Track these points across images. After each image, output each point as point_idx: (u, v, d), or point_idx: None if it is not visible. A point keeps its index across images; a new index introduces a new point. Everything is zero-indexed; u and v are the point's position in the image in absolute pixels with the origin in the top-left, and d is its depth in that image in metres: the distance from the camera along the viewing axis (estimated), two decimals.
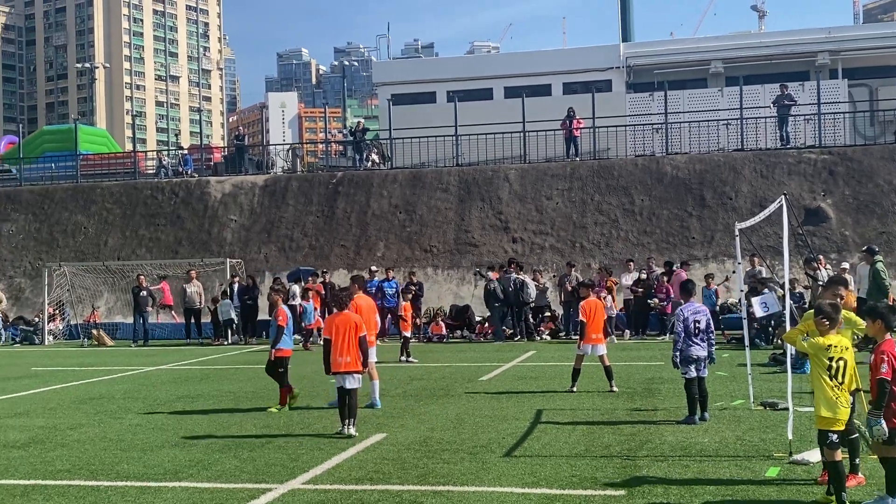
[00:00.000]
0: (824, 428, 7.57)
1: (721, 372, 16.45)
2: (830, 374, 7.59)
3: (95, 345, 28.70)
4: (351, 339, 11.49)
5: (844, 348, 7.72)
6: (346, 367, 11.46)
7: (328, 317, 12.23)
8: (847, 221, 29.76)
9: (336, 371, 11.55)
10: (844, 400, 7.61)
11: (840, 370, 7.60)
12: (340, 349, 11.49)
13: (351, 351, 11.47)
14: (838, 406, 7.56)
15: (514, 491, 8.48)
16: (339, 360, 11.50)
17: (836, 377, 7.60)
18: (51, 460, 10.56)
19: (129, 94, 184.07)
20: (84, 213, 36.17)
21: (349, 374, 11.49)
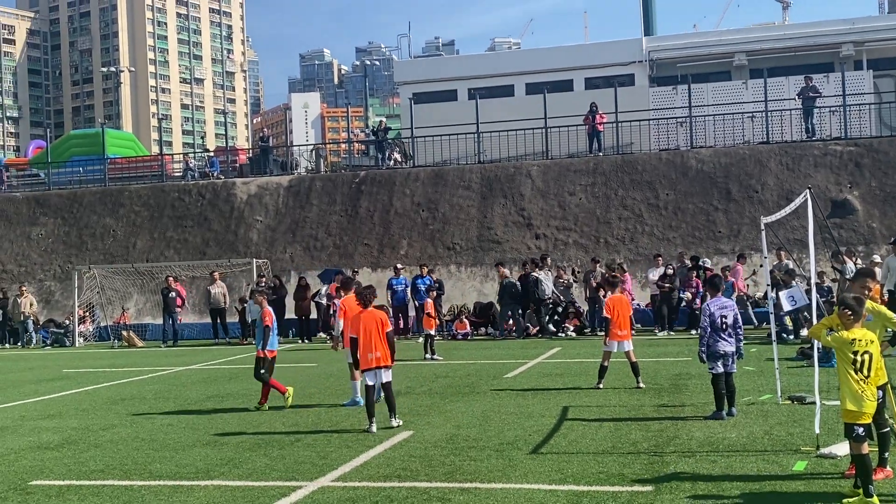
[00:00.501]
0: (850, 421, 7.57)
1: (749, 367, 16.39)
2: (856, 368, 7.60)
3: (125, 346, 29.02)
4: (379, 335, 11.67)
5: (869, 341, 7.72)
6: (377, 362, 11.66)
7: (353, 315, 12.30)
8: (874, 213, 29.53)
9: (367, 368, 11.72)
10: (870, 393, 7.60)
11: (865, 363, 7.60)
12: (369, 346, 11.68)
13: (380, 346, 11.66)
14: (864, 399, 7.57)
15: (541, 488, 8.53)
16: (368, 356, 11.69)
17: (861, 370, 7.60)
18: (84, 461, 10.73)
19: (155, 97, 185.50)
20: (112, 216, 36.55)
21: (381, 369, 11.69)
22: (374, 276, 30.41)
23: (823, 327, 8.24)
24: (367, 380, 11.78)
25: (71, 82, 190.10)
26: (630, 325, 15.23)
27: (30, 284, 33.62)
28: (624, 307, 15.18)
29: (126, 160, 42.64)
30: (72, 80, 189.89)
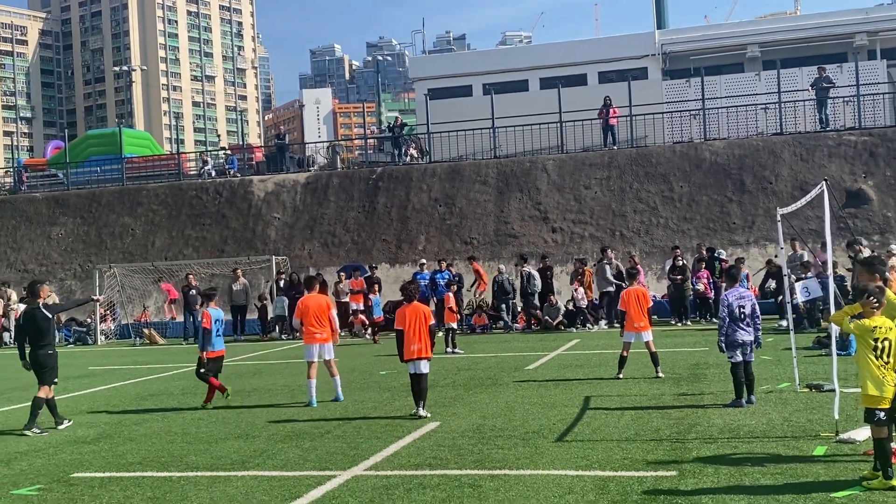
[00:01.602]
0: (871, 406, 7.82)
1: (766, 356, 16.62)
2: (876, 354, 7.85)
3: (147, 344, 29.40)
4: (421, 328, 12.31)
5: (889, 328, 7.96)
6: (418, 353, 12.31)
7: (399, 309, 12.85)
8: (889, 203, 29.64)
9: (409, 358, 12.36)
10: (891, 378, 7.85)
11: (886, 350, 7.86)
12: (413, 338, 12.31)
13: (422, 339, 12.29)
14: (884, 384, 7.81)
15: (568, 474, 8.80)
16: (412, 347, 12.32)
17: (881, 356, 7.85)
18: (122, 454, 11.05)
19: (166, 95, 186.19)
20: (131, 215, 36.95)
21: (420, 360, 12.32)
22: (392, 272, 30.74)
23: (846, 315, 8.47)
24: (411, 368, 12.44)
25: (83, 82, 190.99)
26: (648, 317, 15.46)
27: (51, 284, 34.03)
28: (641, 299, 15.42)
29: (143, 159, 43.03)
30: (84, 79, 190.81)
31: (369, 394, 15.04)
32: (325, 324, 14.20)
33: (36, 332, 13.11)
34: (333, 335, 14.36)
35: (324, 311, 14.23)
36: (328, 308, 14.33)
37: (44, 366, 13.05)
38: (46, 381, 13.04)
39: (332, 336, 14.30)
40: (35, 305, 13.33)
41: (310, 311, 14.21)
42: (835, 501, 7.42)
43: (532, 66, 40.32)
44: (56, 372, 13.30)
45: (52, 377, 13.16)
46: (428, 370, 12.49)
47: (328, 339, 14.23)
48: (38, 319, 13.12)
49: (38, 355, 13.08)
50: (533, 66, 40.39)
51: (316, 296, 14.49)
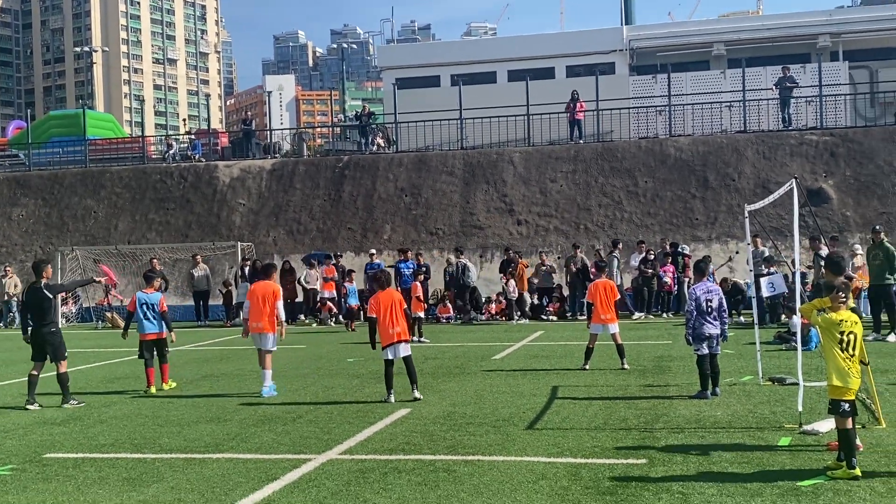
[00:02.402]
0: (837, 397, 8.08)
1: (728, 350, 16.91)
2: (842, 347, 8.11)
3: (109, 327, 29.18)
4: (397, 312, 12.51)
5: (854, 323, 8.24)
6: (398, 337, 12.54)
7: (372, 297, 12.91)
8: (848, 202, 30.23)
9: (388, 343, 12.53)
10: (855, 371, 8.12)
11: (851, 343, 8.13)
12: (389, 323, 12.49)
13: (399, 322, 12.51)
14: (849, 376, 8.08)
15: (540, 460, 8.98)
16: (389, 332, 12.52)
17: (847, 349, 8.12)
18: (93, 435, 11.06)
19: (127, 77, 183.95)
20: (93, 198, 36.57)
21: (400, 343, 12.54)
22: (357, 261, 30.77)
23: (814, 308, 8.75)
24: (388, 354, 12.56)
25: (42, 62, 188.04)
26: (615, 309, 15.68)
27: (11, 265, 33.61)
28: (608, 291, 15.64)
29: (107, 141, 42.55)
30: (43, 59, 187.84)
31: (339, 380, 15.13)
32: (265, 313, 13.73)
33: (38, 310, 13.27)
34: (276, 327, 13.83)
35: (268, 300, 13.75)
36: (275, 297, 13.82)
37: (50, 343, 13.29)
38: (60, 358, 13.33)
39: (271, 327, 13.80)
40: (39, 284, 13.43)
41: (254, 298, 13.82)
42: (800, 490, 7.66)
43: (500, 59, 40.47)
44: (64, 347, 13.52)
45: (63, 352, 13.42)
46: (409, 352, 12.73)
47: (265, 329, 13.75)
48: (40, 299, 13.25)
49: (43, 333, 13.33)
50: (501, 58, 40.54)
51: (265, 283, 14.10)
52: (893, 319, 18.55)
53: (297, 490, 8.17)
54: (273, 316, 13.77)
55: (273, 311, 13.76)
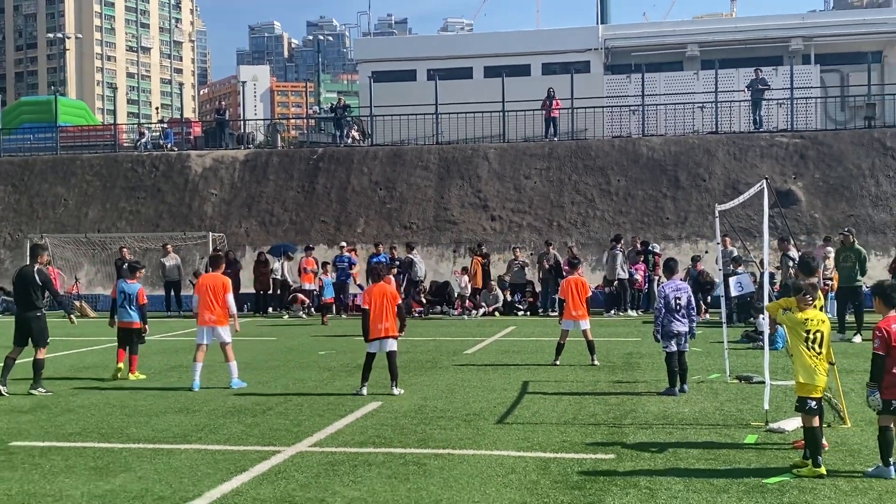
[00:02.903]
0: (803, 395, 8.18)
1: (696, 348, 17.05)
2: (808, 345, 8.21)
3: (78, 316, 28.79)
4: (389, 307, 12.55)
5: (821, 321, 8.34)
6: (385, 332, 12.56)
7: (366, 288, 13.07)
8: (817, 204, 30.56)
9: (375, 337, 12.54)
10: (822, 369, 8.23)
11: (818, 341, 8.23)
12: (379, 317, 12.52)
13: (389, 318, 12.53)
14: (816, 373, 8.18)
15: (510, 454, 9.03)
16: (378, 326, 12.52)
17: (813, 347, 8.22)
18: (60, 424, 10.98)
19: (100, 65, 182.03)
20: (64, 185, 36.21)
21: (388, 339, 12.57)
22: (330, 254, 30.64)
23: (779, 307, 8.86)
24: (372, 347, 12.60)
25: (14, 47, 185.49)
26: (587, 306, 15.78)
27: None
28: (579, 288, 15.73)
29: (78, 129, 42.13)
30: (15, 45, 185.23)
31: (309, 373, 15.11)
32: (218, 305, 13.61)
33: (25, 294, 13.24)
34: (229, 319, 13.75)
35: (218, 292, 13.61)
36: (224, 289, 13.66)
37: (34, 328, 13.30)
38: (41, 343, 13.34)
39: (225, 319, 13.69)
40: (31, 268, 13.38)
41: (204, 291, 13.69)
42: (766, 487, 7.76)
43: (477, 55, 40.47)
44: (47, 333, 13.56)
45: (45, 339, 13.45)
46: (396, 348, 12.75)
47: (219, 321, 13.63)
48: (28, 283, 13.19)
49: (27, 318, 13.33)
50: (478, 54, 40.54)
51: (214, 275, 13.92)
52: (860, 321, 18.81)
53: (265, 482, 8.17)
54: (225, 308, 13.67)
55: (224, 304, 13.65)
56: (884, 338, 7.84)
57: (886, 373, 7.85)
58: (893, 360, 7.83)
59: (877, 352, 7.87)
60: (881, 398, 7.83)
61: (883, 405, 7.86)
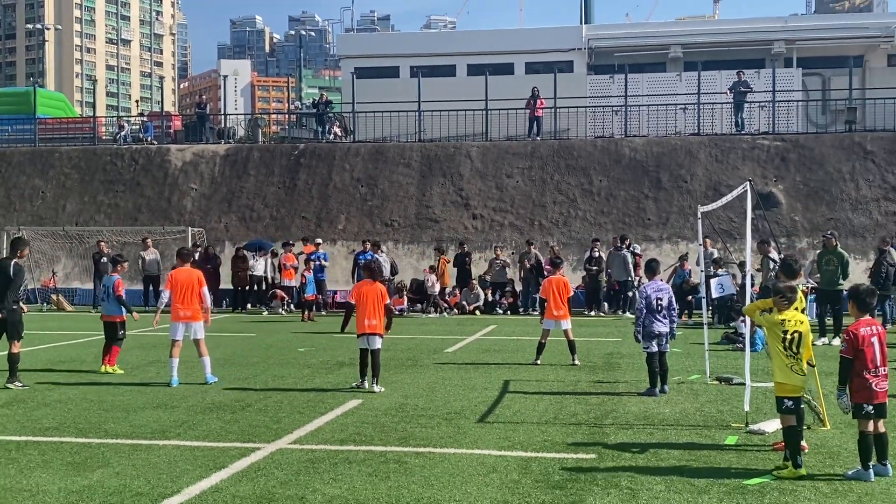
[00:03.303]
0: (780, 394, 8.21)
1: (676, 349, 17.08)
2: (785, 346, 8.23)
3: (55, 309, 28.69)
4: (377, 305, 12.66)
5: (799, 322, 8.36)
6: (371, 329, 12.64)
7: (356, 284, 13.23)
8: (797, 207, 30.72)
9: (362, 332, 12.69)
10: (799, 369, 8.25)
11: (795, 341, 8.25)
12: (367, 313, 12.65)
13: (376, 315, 12.64)
14: (791, 373, 8.21)
15: (491, 453, 9.00)
16: (364, 322, 12.66)
17: (790, 348, 8.23)
18: (37, 418, 10.85)
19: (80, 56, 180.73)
20: (42, 178, 35.88)
21: (373, 336, 12.65)
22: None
23: (757, 308, 8.90)
24: (362, 343, 12.73)
25: None
26: (568, 306, 15.77)
27: None
28: (561, 288, 15.72)
29: (57, 121, 41.76)
30: None
31: (288, 370, 15.02)
32: (192, 301, 13.57)
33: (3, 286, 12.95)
34: (204, 314, 13.76)
35: (192, 288, 13.57)
36: (199, 284, 13.66)
37: (9, 321, 13.18)
38: (14, 337, 13.25)
39: (200, 315, 13.67)
40: (8, 261, 13.26)
41: (178, 287, 13.60)
42: (747, 488, 7.76)
43: (460, 52, 40.46)
44: (22, 326, 13.47)
45: (19, 332, 13.36)
46: (380, 346, 12.82)
47: (195, 317, 13.60)
48: (4, 276, 13.03)
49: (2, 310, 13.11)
50: (461, 52, 40.53)
51: (188, 270, 13.83)
52: (839, 324, 18.82)
53: (245, 479, 8.10)
54: (200, 303, 13.64)
55: (200, 299, 13.63)
56: (851, 341, 7.91)
57: (856, 376, 7.91)
58: (863, 364, 7.89)
59: (844, 355, 7.96)
60: (852, 402, 7.90)
61: (854, 409, 7.91)
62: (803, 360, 8.33)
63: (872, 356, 7.91)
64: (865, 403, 7.89)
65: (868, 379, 7.89)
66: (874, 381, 7.90)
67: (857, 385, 7.90)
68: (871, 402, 7.89)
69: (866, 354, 7.90)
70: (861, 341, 7.89)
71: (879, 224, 29.59)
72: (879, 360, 7.95)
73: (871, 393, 7.89)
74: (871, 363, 7.91)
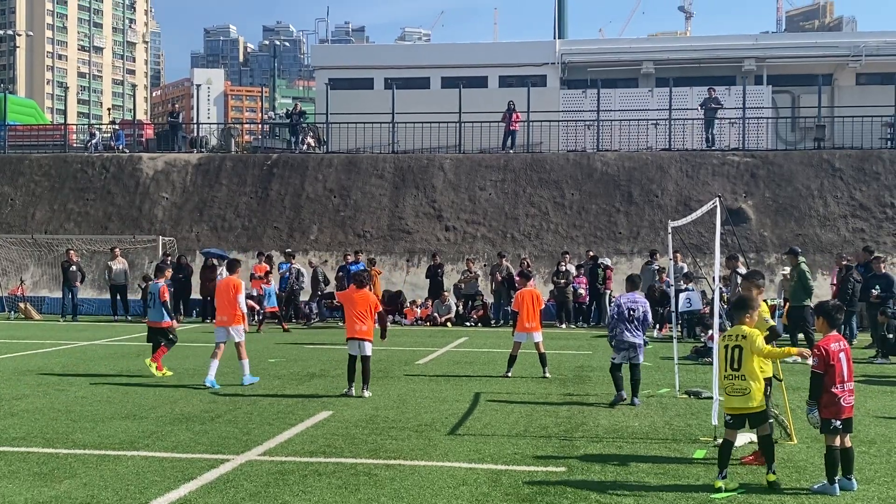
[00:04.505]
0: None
1: (646, 362, 17.18)
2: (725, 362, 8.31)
3: (22, 318, 28.40)
4: (369, 312, 13.08)
5: (739, 336, 8.34)
6: (361, 334, 13.02)
7: (346, 290, 13.72)
8: (766, 223, 31.05)
9: (351, 337, 13.07)
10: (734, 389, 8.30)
11: (734, 358, 8.27)
12: (357, 319, 13.01)
13: (367, 321, 13.01)
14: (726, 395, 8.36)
15: (461, 466, 9.01)
16: (356, 327, 13.02)
17: (729, 365, 8.27)
18: (3, 428, 10.74)
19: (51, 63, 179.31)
20: (11, 185, 35.55)
21: (363, 341, 13.04)
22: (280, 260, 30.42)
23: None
24: (350, 350, 13.15)
25: None
26: (539, 318, 15.85)
27: None
28: (532, 300, 15.79)
29: (27, 128, 41.42)
30: None
31: (259, 381, 14.94)
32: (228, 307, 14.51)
33: None
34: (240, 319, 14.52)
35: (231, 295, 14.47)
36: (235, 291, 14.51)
37: None
38: None
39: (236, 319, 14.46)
40: None
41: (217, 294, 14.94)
42: (714, 501, 7.83)
43: (435, 65, 40.62)
44: None
45: None
46: (370, 353, 13.19)
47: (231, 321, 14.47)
48: None
49: None
50: (436, 64, 40.69)
51: (228, 278, 14.98)
52: (809, 341, 18.77)
53: (213, 490, 8.05)
54: (237, 308, 14.48)
55: (236, 305, 14.49)
56: (822, 356, 7.98)
57: (825, 392, 7.98)
58: (832, 380, 7.98)
59: (815, 370, 8.02)
60: (821, 417, 7.98)
61: (822, 424, 7.99)
62: (751, 378, 8.21)
63: (840, 371, 8.01)
64: (833, 419, 7.97)
65: (836, 394, 7.98)
66: (842, 395, 8.00)
67: (826, 400, 7.98)
68: (839, 417, 7.98)
69: (836, 370, 7.99)
70: (831, 357, 7.98)
71: (847, 240, 29.97)
72: (846, 376, 8.05)
73: (839, 408, 7.99)
74: (840, 378, 8.00)
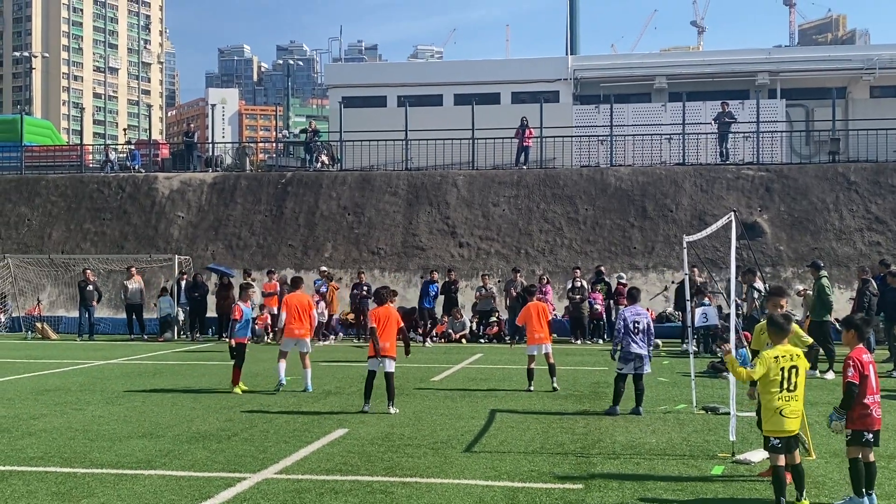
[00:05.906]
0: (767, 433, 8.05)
1: (663, 378, 17.17)
2: (781, 383, 7.89)
3: (39, 338, 28.54)
4: (391, 329, 13.27)
5: (796, 356, 8.06)
6: (385, 351, 13.27)
7: (373, 309, 13.89)
8: (782, 237, 30.93)
9: (378, 355, 13.27)
10: (790, 410, 7.91)
11: (791, 377, 7.92)
12: (382, 336, 13.19)
13: (390, 338, 13.23)
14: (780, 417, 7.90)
15: (478, 483, 8.98)
16: (380, 344, 13.19)
17: (786, 385, 7.90)
18: (21, 448, 10.78)
19: (67, 84, 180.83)
20: (28, 206, 35.81)
21: (387, 358, 13.21)
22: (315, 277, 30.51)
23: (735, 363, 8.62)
24: (371, 366, 13.31)
25: None
26: (548, 329, 15.90)
27: None
28: (541, 313, 15.82)
29: (44, 148, 41.72)
30: None
31: (275, 399, 14.97)
32: (304, 321, 15.89)
33: None
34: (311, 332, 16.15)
35: (305, 309, 15.90)
36: (310, 307, 16.07)
37: None
38: None
39: (309, 332, 16.05)
40: None
41: (292, 308, 15.95)
42: None
43: (447, 82, 40.75)
44: None
45: None
46: (393, 369, 13.35)
47: (305, 334, 15.92)
48: None
49: None
50: (448, 81, 40.81)
51: (299, 294, 16.25)
52: (830, 357, 18.54)
53: None
54: (310, 322, 15.95)
55: (311, 319, 15.96)
56: (857, 367, 7.89)
57: (857, 403, 7.90)
58: (864, 391, 7.90)
59: (851, 380, 7.83)
60: (852, 429, 7.88)
61: (854, 436, 7.89)
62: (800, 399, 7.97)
63: (871, 383, 7.95)
64: (866, 431, 7.87)
65: (869, 405, 7.90)
66: (873, 406, 7.92)
67: (859, 412, 7.86)
68: (871, 430, 7.89)
69: (868, 381, 7.93)
70: (864, 367, 7.92)
71: (863, 254, 29.81)
72: (875, 387, 7.99)
73: (872, 419, 7.91)
74: (871, 390, 7.94)
